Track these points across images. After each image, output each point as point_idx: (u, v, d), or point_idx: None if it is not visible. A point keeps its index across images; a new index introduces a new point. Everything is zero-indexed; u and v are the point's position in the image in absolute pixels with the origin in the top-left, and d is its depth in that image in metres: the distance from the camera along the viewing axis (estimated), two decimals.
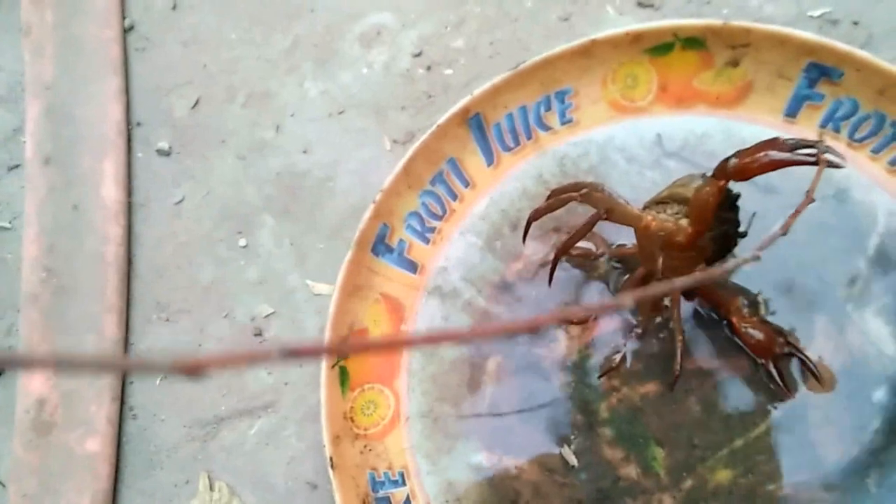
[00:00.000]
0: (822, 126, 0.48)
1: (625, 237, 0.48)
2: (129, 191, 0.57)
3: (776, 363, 0.44)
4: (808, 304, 0.46)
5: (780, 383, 0.44)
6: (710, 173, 0.41)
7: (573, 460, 0.45)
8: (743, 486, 0.43)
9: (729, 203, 0.42)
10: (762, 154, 0.37)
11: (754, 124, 0.50)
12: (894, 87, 0.45)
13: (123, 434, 0.51)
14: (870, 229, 0.47)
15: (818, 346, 0.45)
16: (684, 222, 0.42)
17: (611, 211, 0.42)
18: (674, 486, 0.44)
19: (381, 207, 0.47)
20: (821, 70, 0.47)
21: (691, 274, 0.43)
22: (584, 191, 0.43)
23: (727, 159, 0.38)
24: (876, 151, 0.47)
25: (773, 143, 0.38)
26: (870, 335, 0.45)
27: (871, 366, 0.44)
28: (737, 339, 0.45)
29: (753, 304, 0.46)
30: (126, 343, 0.53)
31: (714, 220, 0.41)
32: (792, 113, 0.49)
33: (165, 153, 0.57)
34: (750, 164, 0.37)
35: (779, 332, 0.44)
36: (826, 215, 0.47)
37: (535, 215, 0.46)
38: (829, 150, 0.37)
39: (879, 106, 0.46)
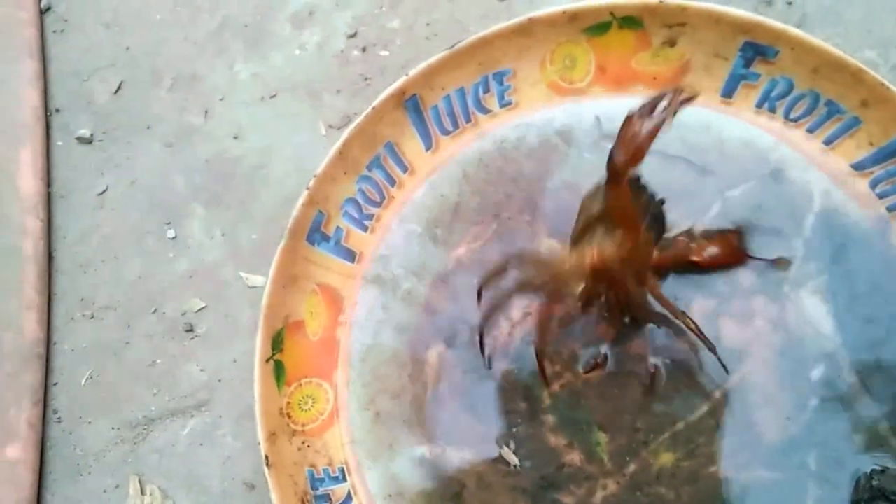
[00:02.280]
0: (759, 106, 0.48)
1: None
2: (48, 181, 0.53)
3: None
4: (746, 285, 0.46)
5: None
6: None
7: (514, 459, 0.44)
8: (685, 469, 0.43)
9: (636, 189, 0.42)
10: (635, 132, 0.37)
11: (692, 105, 0.49)
12: (828, 65, 0.45)
13: (47, 439, 0.49)
14: (806, 209, 0.47)
15: (757, 326, 0.45)
16: (619, 234, 0.41)
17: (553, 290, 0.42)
18: (618, 471, 0.44)
19: (315, 194, 0.45)
20: (756, 49, 0.47)
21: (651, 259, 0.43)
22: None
23: (610, 158, 0.38)
24: (811, 130, 0.48)
25: (632, 119, 0.37)
26: (806, 315, 0.45)
27: (808, 345, 0.45)
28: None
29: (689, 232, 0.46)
30: (48, 342, 0.50)
31: (640, 212, 0.41)
32: (728, 93, 0.48)
33: (87, 141, 0.54)
34: (633, 148, 0.37)
35: (728, 231, 0.45)
36: (763, 195, 0.47)
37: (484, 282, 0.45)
38: (678, 91, 0.37)
39: (814, 85, 0.46)
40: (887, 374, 0.44)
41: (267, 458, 0.42)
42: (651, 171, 0.44)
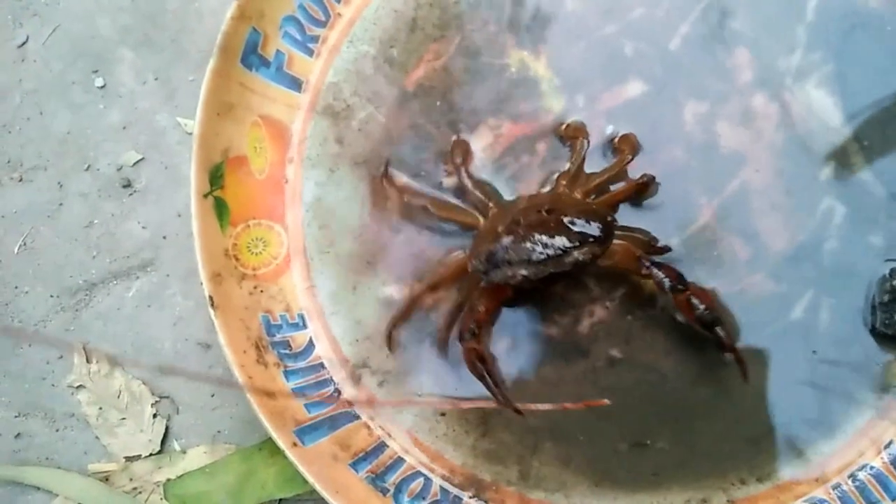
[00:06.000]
0: None
1: None
2: None
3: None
4: (744, 82, 0.40)
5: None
6: None
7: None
8: None
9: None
10: None
11: None
12: None
13: None
14: None
15: (759, 125, 0.40)
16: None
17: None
18: (605, 296, 0.40)
19: (247, 6, 0.40)
20: None
21: None
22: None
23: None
24: None
25: None
26: (812, 109, 0.40)
27: (815, 142, 0.40)
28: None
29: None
30: None
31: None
32: None
33: None
34: None
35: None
36: None
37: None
38: None
39: None
40: None
41: (212, 298, 0.37)
42: None
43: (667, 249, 0.39)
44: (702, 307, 0.37)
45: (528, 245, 0.35)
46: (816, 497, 0.37)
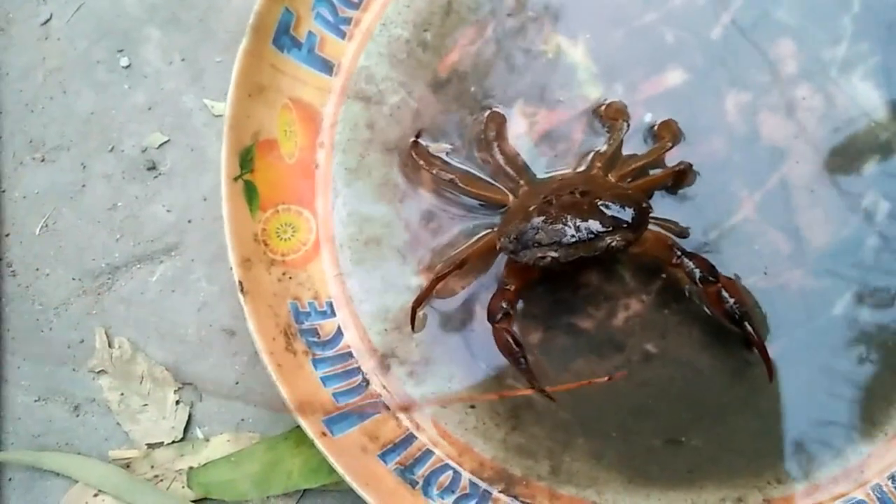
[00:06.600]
0: None
1: None
2: None
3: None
4: (788, 72, 0.39)
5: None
6: None
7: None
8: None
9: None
10: None
11: None
12: None
13: (2, 295, 0.44)
14: None
15: (802, 117, 0.39)
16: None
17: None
18: (641, 289, 0.39)
19: None
20: None
21: None
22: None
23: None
24: None
25: None
26: (857, 102, 0.39)
27: (860, 136, 0.39)
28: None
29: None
30: None
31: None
32: None
33: None
34: None
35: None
36: None
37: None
38: None
39: None
40: None
41: (241, 284, 0.36)
42: None
43: (686, 234, 0.38)
44: (731, 301, 0.36)
45: (560, 226, 0.34)
46: (855, 498, 0.36)
